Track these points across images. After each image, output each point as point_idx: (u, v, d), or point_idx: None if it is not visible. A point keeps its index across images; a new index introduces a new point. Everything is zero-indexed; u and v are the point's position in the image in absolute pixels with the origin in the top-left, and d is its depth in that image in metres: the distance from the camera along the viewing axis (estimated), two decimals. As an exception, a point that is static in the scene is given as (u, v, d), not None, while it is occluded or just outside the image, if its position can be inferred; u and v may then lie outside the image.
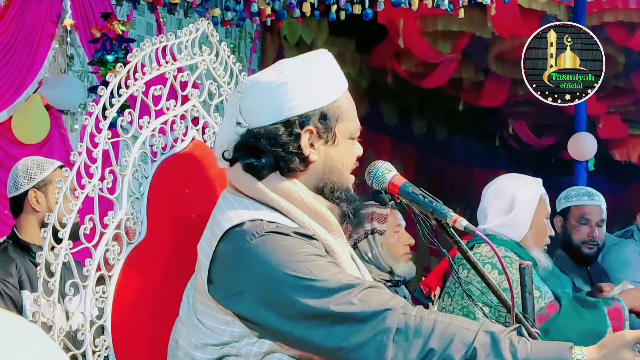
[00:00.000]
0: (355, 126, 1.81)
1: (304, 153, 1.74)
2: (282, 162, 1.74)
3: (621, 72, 7.89)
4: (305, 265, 1.62)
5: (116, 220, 1.99)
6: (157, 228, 2.06)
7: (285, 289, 1.61)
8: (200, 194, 2.12)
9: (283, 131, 1.73)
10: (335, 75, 1.81)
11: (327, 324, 1.60)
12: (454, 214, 1.75)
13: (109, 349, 1.96)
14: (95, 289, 1.94)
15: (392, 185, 1.80)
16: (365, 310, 1.59)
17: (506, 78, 8.20)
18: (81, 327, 1.93)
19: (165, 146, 2.11)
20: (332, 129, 1.76)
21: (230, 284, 1.67)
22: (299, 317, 1.61)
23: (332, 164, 1.77)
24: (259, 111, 1.75)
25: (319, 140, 1.76)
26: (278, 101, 1.74)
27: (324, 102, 1.76)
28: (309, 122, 1.74)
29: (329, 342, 1.61)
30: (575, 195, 3.83)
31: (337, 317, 1.59)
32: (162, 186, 2.08)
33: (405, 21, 6.90)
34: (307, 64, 1.80)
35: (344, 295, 1.60)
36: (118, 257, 1.99)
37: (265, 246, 1.65)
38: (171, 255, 2.06)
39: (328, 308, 1.59)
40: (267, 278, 1.63)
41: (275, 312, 1.63)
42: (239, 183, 1.78)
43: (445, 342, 1.56)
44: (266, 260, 1.63)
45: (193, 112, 2.20)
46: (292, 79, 1.75)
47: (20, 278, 2.89)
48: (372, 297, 1.61)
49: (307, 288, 1.60)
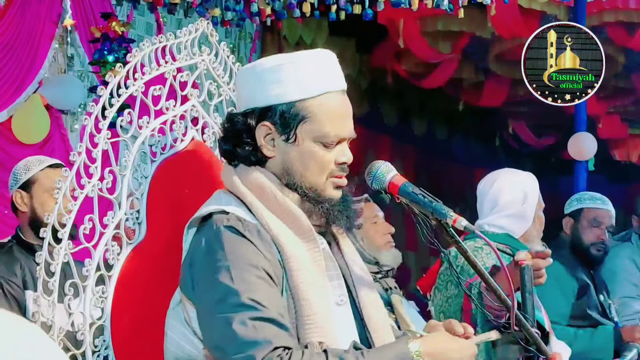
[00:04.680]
0: (328, 131, 1.75)
1: (258, 145, 1.76)
2: (237, 151, 1.78)
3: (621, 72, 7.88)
4: (232, 272, 1.66)
5: (116, 220, 1.99)
6: (157, 228, 2.06)
7: (206, 285, 1.70)
8: (199, 194, 2.11)
9: (241, 120, 1.76)
10: (315, 75, 1.76)
11: (217, 322, 1.66)
12: (454, 213, 1.75)
13: (109, 349, 1.96)
14: (95, 289, 1.94)
15: (392, 185, 1.80)
16: (247, 336, 1.62)
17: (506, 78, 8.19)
18: (81, 327, 1.93)
19: (164, 146, 2.11)
20: (292, 128, 1.74)
21: (184, 263, 1.78)
22: (204, 311, 1.70)
23: (291, 164, 1.76)
24: (237, 97, 1.85)
25: (279, 137, 1.76)
26: (246, 90, 1.78)
27: (286, 99, 1.74)
28: (267, 116, 1.75)
29: (209, 339, 1.70)
30: (589, 199, 3.89)
31: (226, 322, 1.64)
32: (161, 186, 2.08)
33: (405, 21, 6.90)
34: (287, 57, 1.79)
35: (245, 314, 1.63)
36: (118, 257, 1.99)
37: (212, 243, 1.71)
38: (171, 255, 2.06)
39: (226, 312, 1.65)
40: (202, 268, 1.72)
41: (195, 298, 1.73)
42: (222, 175, 1.85)
43: None
44: (206, 256, 1.71)
45: (193, 112, 2.20)
46: (263, 69, 1.76)
47: (24, 278, 2.89)
48: (265, 328, 1.63)
49: (224, 293, 1.66)
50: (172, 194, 2.10)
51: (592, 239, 3.82)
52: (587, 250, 3.82)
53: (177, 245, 2.07)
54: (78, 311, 1.93)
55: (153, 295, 2.02)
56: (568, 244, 3.85)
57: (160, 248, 2.05)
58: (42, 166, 3.02)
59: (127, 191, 2.02)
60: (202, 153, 2.19)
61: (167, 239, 2.06)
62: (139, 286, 2.01)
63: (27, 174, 3.00)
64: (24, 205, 3.00)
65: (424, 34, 7.19)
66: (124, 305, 1.98)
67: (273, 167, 1.78)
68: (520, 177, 3.28)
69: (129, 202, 2.03)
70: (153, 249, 2.04)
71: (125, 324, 1.98)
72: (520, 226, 3.18)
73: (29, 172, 3.00)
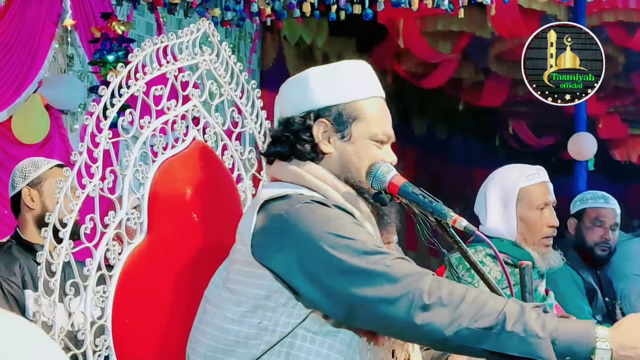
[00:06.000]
0: (379, 130, 1.87)
1: (316, 142, 1.85)
2: (296, 149, 1.86)
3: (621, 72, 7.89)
4: (344, 227, 1.71)
5: (117, 220, 2.00)
6: (158, 228, 2.06)
7: (324, 245, 1.68)
8: (200, 194, 2.12)
9: (298, 120, 1.86)
10: (362, 80, 1.91)
11: (360, 280, 1.66)
12: (454, 214, 1.75)
13: (110, 349, 1.96)
14: (95, 288, 1.94)
15: (392, 185, 1.80)
16: (399, 272, 1.66)
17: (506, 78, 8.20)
18: (82, 326, 1.93)
19: (166, 146, 2.11)
20: (348, 126, 1.86)
21: (273, 243, 1.74)
22: (332, 271, 1.68)
23: (348, 159, 1.85)
24: (286, 104, 1.91)
25: (335, 134, 1.86)
26: (299, 95, 1.89)
27: (341, 100, 1.87)
28: (324, 115, 1.86)
29: (357, 295, 1.66)
30: (591, 198, 3.85)
31: (371, 274, 1.67)
32: (162, 186, 2.08)
33: (405, 21, 6.90)
34: (335, 66, 1.94)
35: (379, 258, 1.68)
36: (119, 257, 2.00)
37: (307, 210, 1.74)
38: (172, 255, 2.06)
39: (363, 265, 1.67)
40: (307, 236, 1.70)
41: (311, 268, 1.70)
42: (277, 172, 1.89)
43: (477, 306, 1.63)
44: (307, 221, 1.72)
45: (194, 112, 2.20)
46: (315, 76, 1.90)
47: (24, 277, 2.89)
48: (405, 264, 1.69)
49: (345, 246, 1.68)
50: (173, 194, 2.10)
51: (596, 238, 3.78)
52: (591, 251, 3.79)
53: (178, 244, 2.07)
54: (79, 311, 1.93)
55: (154, 294, 2.03)
56: (572, 245, 3.83)
57: (162, 248, 2.06)
58: (50, 164, 3.04)
59: (128, 191, 2.02)
60: (203, 153, 2.19)
61: (168, 239, 2.07)
62: (140, 286, 2.02)
63: (37, 172, 3.00)
64: (33, 203, 3.00)
65: (424, 34, 7.20)
66: (125, 305, 1.98)
67: (329, 163, 1.87)
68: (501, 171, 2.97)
69: (130, 202, 2.03)
70: (154, 249, 2.04)
71: (126, 323, 1.98)
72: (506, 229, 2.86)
73: (38, 169, 3.01)
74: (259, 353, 1.73)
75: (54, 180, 2.95)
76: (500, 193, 2.89)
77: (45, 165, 3.03)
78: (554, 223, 2.90)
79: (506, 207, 2.86)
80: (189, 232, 2.08)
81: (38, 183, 2.99)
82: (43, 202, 2.97)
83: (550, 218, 2.89)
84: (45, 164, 3.04)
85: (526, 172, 2.91)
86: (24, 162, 3.08)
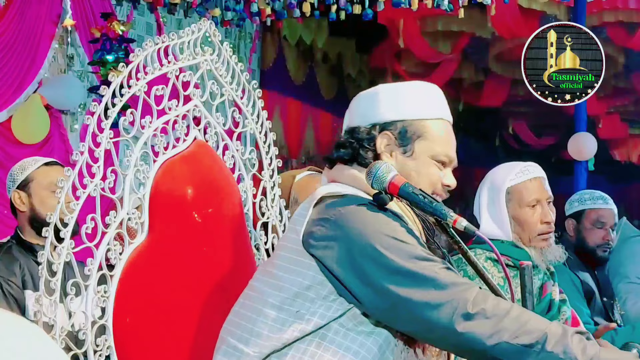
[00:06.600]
0: (440, 151, 1.90)
1: (378, 152, 1.88)
2: (358, 155, 1.89)
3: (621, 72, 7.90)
4: (397, 230, 1.75)
5: (118, 220, 2.00)
6: (159, 228, 2.06)
7: (376, 244, 1.72)
8: (201, 194, 2.12)
9: (364, 130, 1.90)
10: (431, 100, 1.95)
11: (407, 282, 1.69)
12: (454, 214, 1.75)
13: (111, 349, 1.96)
14: (96, 288, 1.94)
15: (392, 185, 1.79)
16: (447, 279, 1.69)
17: (506, 78, 8.22)
18: (83, 326, 1.93)
19: (167, 146, 2.11)
20: (411, 142, 1.89)
21: (326, 234, 1.76)
22: (381, 270, 1.71)
23: (407, 174, 1.86)
24: (354, 115, 1.96)
25: (397, 148, 1.89)
26: (368, 107, 1.94)
27: (407, 116, 1.90)
28: (389, 129, 1.89)
29: (402, 296, 1.69)
30: (590, 199, 3.80)
31: (419, 278, 1.69)
32: (163, 186, 2.08)
33: (405, 21, 6.91)
34: (406, 84, 1.99)
35: (428, 264, 1.71)
36: (120, 257, 2.00)
37: (363, 209, 1.77)
38: (173, 255, 2.06)
39: (412, 268, 1.70)
40: (361, 232, 1.74)
41: (360, 263, 1.72)
42: (337, 175, 1.92)
43: (519, 323, 1.65)
44: (362, 219, 1.76)
45: (195, 112, 2.21)
46: (385, 91, 1.94)
47: (24, 278, 2.89)
48: (452, 273, 1.73)
49: (396, 248, 1.72)
50: (174, 194, 2.10)
51: (597, 240, 3.75)
52: (593, 252, 3.76)
53: (179, 244, 2.07)
54: (80, 311, 1.93)
55: (155, 294, 2.03)
56: (572, 246, 3.80)
57: (163, 247, 2.06)
58: (37, 165, 3.02)
59: (129, 191, 2.02)
60: (204, 153, 2.19)
61: (169, 239, 2.07)
62: (141, 286, 2.01)
63: (24, 174, 3.00)
64: (22, 205, 3.01)
65: (424, 34, 7.21)
66: (125, 304, 1.99)
67: None
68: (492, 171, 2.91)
69: (131, 201, 2.03)
70: (155, 249, 2.04)
71: (127, 323, 1.98)
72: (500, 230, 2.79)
73: (25, 171, 3.00)
74: (291, 339, 1.76)
75: (41, 180, 2.95)
76: (491, 194, 2.85)
77: (32, 166, 3.02)
78: (547, 219, 2.79)
79: (497, 208, 2.81)
80: (189, 232, 2.08)
81: (25, 185, 2.99)
82: (32, 204, 2.97)
83: (544, 214, 2.78)
84: (32, 165, 3.02)
85: (514, 170, 2.83)
86: (16, 165, 3.09)
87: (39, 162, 3.04)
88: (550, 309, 2.73)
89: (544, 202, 2.79)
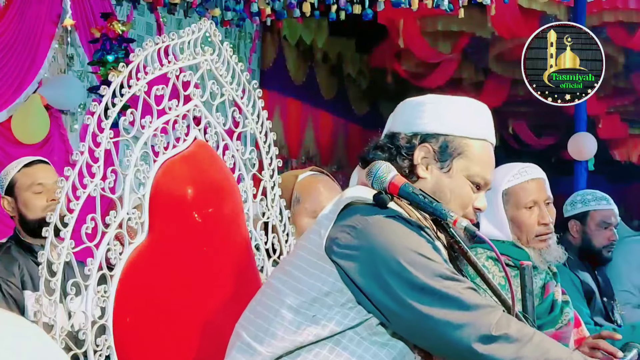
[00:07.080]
0: (477, 172, 1.87)
1: (414, 163, 1.85)
2: (394, 160, 1.85)
3: (621, 72, 7.91)
4: (423, 247, 1.73)
5: (118, 220, 2.00)
6: (159, 228, 2.06)
7: (401, 259, 1.70)
8: (201, 194, 2.12)
9: (404, 137, 1.87)
10: (477, 120, 1.91)
11: (430, 300, 1.68)
12: (454, 214, 1.75)
13: (111, 349, 1.96)
14: (96, 288, 1.94)
15: (392, 185, 1.79)
16: (471, 300, 1.67)
17: (506, 78, 8.22)
18: (83, 326, 1.93)
19: (167, 146, 2.11)
20: (450, 158, 1.85)
21: (350, 243, 1.74)
22: (404, 285, 1.69)
23: (441, 190, 1.84)
24: (397, 121, 1.93)
25: (435, 163, 1.86)
26: (412, 115, 1.90)
27: (451, 132, 1.86)
28: (429, 141, 1.86)
29: (424, 313, 1.67)
30: (593, 200, 3.78)
31: (443, 297, 1.67)
32: (163, 186, 2.08)
33: (405, 21, 6.92)
34: (454, 98, 1.95)
35: (453, 283, 1.69)
36: (120, 257, 2.00)
37: (391, 222, 1.75)
38: (173, 255, 2.06)
39: (436, 286, 1.68)
40: (387, 246, 1.72)
41: (384, 276, 1.70)
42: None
43: (541, 350, 1.64)
44: (390, 232, 1.73)
45: (195, 112, 2.21)
46: (432, 102, 1.90)
47: (23, 278, 2.89)
48: (477, 295, 1.71)
49: (422, 265, 1.70)
50: (174, 194, 2.10)
51: (604, 241, 3.73)
52: (599, 253, 3.75)
53: (179, 244, 2.07)
54: (80, 311, 1.93)
55: (155, 294, 2.03)
56: (576, 247, 3.78)
57: (163, 247, 2.06)
58: (18, 167, 3.02)
59: (129, 191, 2.02)
60: (205, 153, 2.19)
61: (169, 239, 2.07)
62: (141, 285, 2.01)
63: (7, 178, 3.00)
64: (11, 210, 3.01)
65: (424, 34, 7.21)
66: (126, 304, 1.99)
67: (421, 188, 1.84)
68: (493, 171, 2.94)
69: (131, 201, 2.03)
70: (155, 249, 2.05)
71: (127, 323, 1.98)
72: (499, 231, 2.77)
73: (7, 175, 3.01)
74: (305, 343, 1.74)
75: (23, 182, 2.95)
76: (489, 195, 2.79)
77: (14, 169, 3.01)
78: (544, 220, 2.76)
79: (496, 209, 2.77)
80: (190, 232, 2.08)
81: (10, 189, 2.99)
82: (18, 207, 2.98)
83: (541, 216, 2.75)
84: (14, 168, 3.02)
85: (512, 172, 2.80)
86: (3, 169, 3.09)
87: (21, 163, 3.03)
88: (553, 309, 2.72)
89: (542, 204, 2.77)
